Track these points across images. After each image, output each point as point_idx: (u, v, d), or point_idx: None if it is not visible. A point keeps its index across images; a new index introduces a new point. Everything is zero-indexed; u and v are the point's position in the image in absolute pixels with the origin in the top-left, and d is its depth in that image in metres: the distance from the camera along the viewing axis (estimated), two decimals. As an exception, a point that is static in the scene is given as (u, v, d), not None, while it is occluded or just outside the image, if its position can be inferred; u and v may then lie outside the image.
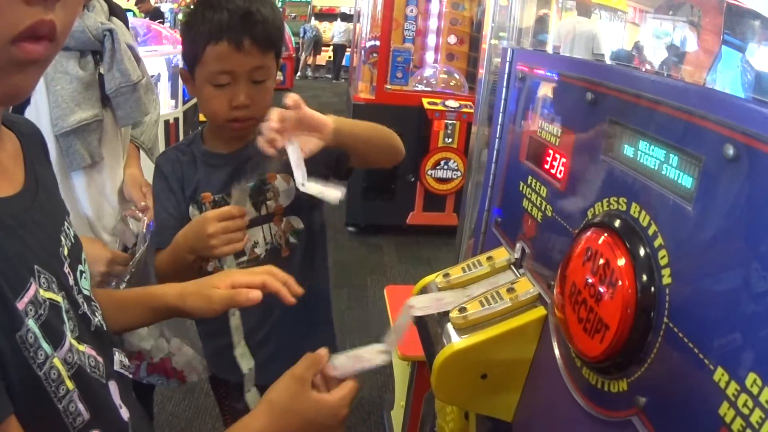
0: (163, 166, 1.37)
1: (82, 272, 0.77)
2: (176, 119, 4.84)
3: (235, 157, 1.34)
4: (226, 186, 1.30)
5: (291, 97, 1.07)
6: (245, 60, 1.19)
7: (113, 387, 0.76)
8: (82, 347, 0.69)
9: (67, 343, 0.65)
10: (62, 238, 0.73)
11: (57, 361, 0.63)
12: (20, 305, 0.58)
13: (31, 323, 0.59)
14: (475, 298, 0.94)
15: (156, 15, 8.51)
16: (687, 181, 0.63)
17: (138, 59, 1.69)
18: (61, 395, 0.64)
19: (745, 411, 0.52)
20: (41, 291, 0.63)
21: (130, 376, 0.85)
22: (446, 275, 1.06)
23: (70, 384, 0.65)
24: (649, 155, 0.70)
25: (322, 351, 0.88)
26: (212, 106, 1.24)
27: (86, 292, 0.77)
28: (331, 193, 1.05)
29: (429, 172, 4.58)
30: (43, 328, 0.61)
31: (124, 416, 0.77)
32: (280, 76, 7.82)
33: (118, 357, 0.82)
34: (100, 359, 0.73)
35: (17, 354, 0.58)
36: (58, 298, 0.66)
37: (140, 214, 1.65)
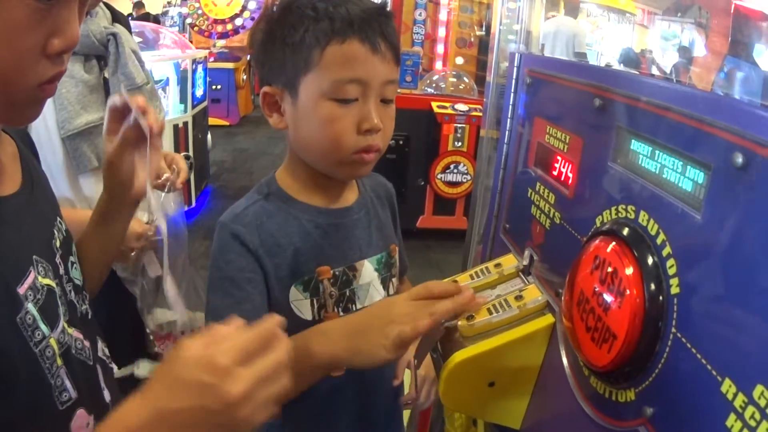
0: (244, 235, 0.93)
1: (72, 263, 0.84)
2: (185, 123, 4.86)
3: (350, 213, 1.02)
4: (346, 254, 0.99)
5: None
6: (381, 67, 0.90)
7: (99, 370, 0.83)
8: (71, 330, 0.76)
9: (60, 325, 0.73)
10: (55, 231, 0.80)
11: (53, 341, 0.71)
12: (21, 290, 0.68)
13: (30, 306, 0.68)
14: (483, 306, 0.94)
15: (146, 20, 8.46)
16: (696, 190, 0.62)
17: (142, 64, 1.70)
18: (54, 371, 0.70)
19: (752, 423, 0.52)
20: (39, 278, 0.72)
21: (112, 366, 0.90)
22: (454, 282, 1.06)
23: (59, 361, 0.72)
24: (657, 163, 0.69)
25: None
26: (336, 129, 0.90)
27: (76, 282, 0.83)
28: None
29: (439, 176, 4.58)
30: (41, 311, 0.70)
31: (107, 398, 0.83)
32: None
33: (101, 345, 0.87)
34: (86, 343, 0.80)
35: (17, 333, 0.66)
36: (53, 284, 0.74)
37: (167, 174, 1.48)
